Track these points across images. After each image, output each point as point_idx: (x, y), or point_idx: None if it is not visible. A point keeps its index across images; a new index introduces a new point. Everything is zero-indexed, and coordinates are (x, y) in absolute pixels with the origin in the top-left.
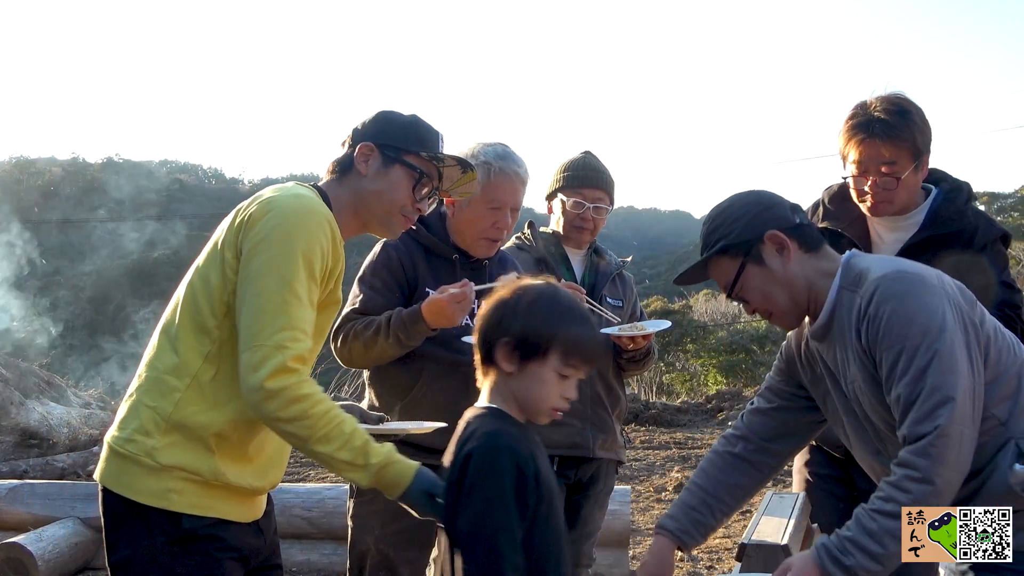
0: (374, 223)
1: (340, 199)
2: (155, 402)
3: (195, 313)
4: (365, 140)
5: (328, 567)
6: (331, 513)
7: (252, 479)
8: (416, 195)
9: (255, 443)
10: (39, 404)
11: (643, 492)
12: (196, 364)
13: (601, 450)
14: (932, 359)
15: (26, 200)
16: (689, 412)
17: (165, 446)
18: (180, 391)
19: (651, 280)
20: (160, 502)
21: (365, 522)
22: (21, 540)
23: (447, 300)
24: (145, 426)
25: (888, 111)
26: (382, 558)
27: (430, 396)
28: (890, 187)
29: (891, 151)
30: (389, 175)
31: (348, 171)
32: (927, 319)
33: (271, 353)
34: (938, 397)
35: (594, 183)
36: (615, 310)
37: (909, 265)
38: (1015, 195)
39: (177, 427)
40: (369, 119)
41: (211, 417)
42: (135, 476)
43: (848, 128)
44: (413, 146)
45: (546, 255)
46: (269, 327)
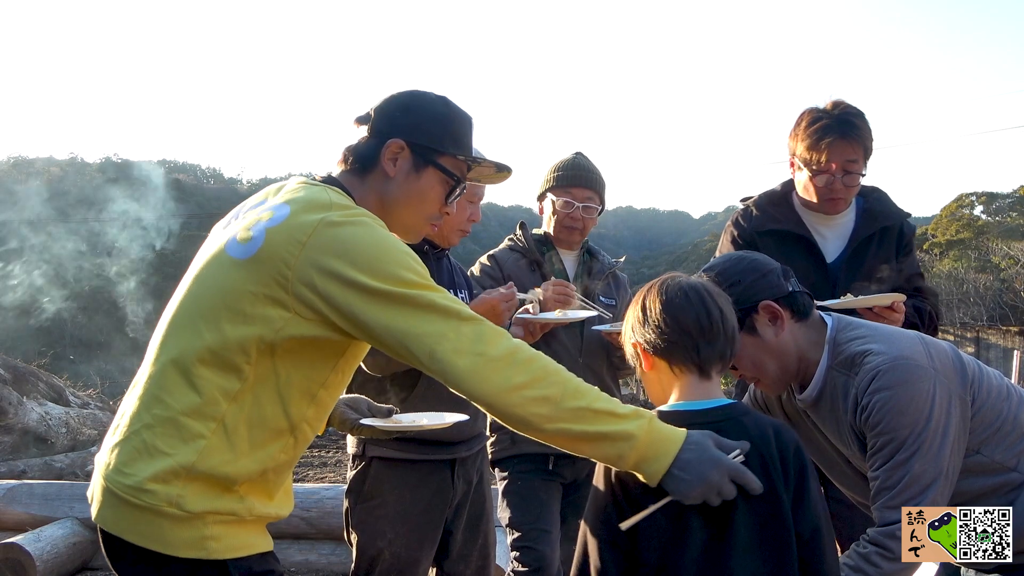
0: (397, 228)
1: (366, 200)
2: (174, 449)
3: (221, 347)
4: (394, 136)
5: (327, 567)
6: (329, 513)
7: (276, 509)
8: (446, 202)
9: (273, 480)
10: (38, 404)
11: None
12: (222, 406)
13: None
14: (916, 451)
15: (24, 199)
16: None
17: (192, 493)
18: (205, 438)
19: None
20: (199, 552)
21: (375, 527)
22: (19, 540)
23: (498, 299)
24: (161, 475)
25: (850, 114)
26: (395, 560)
27: (433, 392)
28: (854, 184)
29: (855, 151)
30: (421, 180)
31: (371, 168)
32: (917, 410)
33: (466, 324)
34: (915, 489)
35: (583, 183)
36: (608, 308)
37: (900, 346)
38: (1013, 195)
39: (201, 476)
40: (398, 105)
41: (239, 467)
42: (162, 528)
43: (816, 130)
44: (449, 147)
45: (538, 255)
46: (438, 314)
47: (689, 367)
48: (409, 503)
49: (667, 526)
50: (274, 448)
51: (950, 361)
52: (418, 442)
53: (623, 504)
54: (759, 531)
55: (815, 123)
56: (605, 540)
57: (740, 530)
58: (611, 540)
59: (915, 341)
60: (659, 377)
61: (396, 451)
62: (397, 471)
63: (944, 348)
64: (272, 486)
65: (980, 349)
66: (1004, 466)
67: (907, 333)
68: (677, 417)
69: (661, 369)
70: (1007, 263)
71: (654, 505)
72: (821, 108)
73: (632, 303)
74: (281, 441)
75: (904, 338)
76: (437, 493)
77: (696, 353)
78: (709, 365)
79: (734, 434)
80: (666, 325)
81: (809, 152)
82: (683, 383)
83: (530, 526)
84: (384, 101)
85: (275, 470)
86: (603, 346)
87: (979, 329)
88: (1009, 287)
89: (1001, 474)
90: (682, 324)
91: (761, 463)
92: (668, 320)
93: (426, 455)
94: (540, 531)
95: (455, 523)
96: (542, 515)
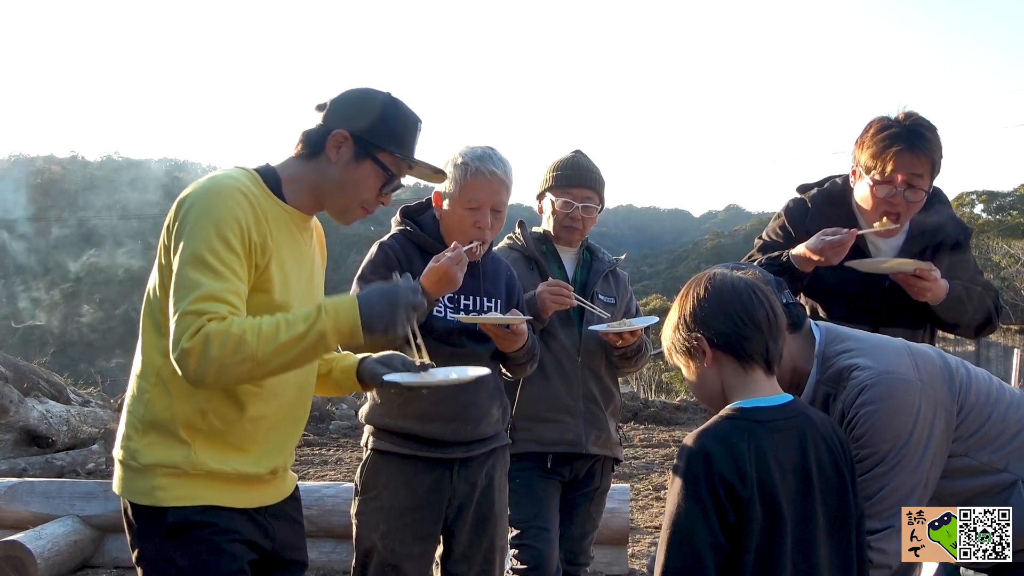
0: (331, 208)
1: (302, 180)
2: (132, 407)
3: (152, 312)
4: (340, 126)
5: (327, 565)
6: (330, 511)
7: (244, 466)
8: (381, 192)
9: (238, 433)
10: (38, 402)
11: (642, 490)
12: (158, 361)
13: (595, 447)
14: (895, 465)
15: (25, 197)
16: (688, 410)
17: (144, 446)
18: (148, 391)
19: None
20: (150, 500)
21: (369, 519)
22: (20, 538)
23: (446, 263)
24: (127, 431)
25: (921, 126)
26: (388, 554)
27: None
28: (917, 200)
29: (922, 165)
30: (358, 170)
31: (318, 153)
32: (900, 425)
33: (188, 320)
34: (892, 500)
35: (582, 182)
36: (607, 307)
37: (886, 360)
38: (1014, 193)
39: (152, 426)
40: (351, 100)
41: (176, 410)
42: (129, 480)
43: (885, 138)
44: (389, 145)
45: (537, 254)
46: (183, 300)
47: (760, 363)
48: (404, 498)
49: (762, 518)
50: (204, 391)
51: (938, 370)
52: (416, 439)
53: (724, 504)
54: (831, 521)
55: (883, 131)
56: (708, 544)
57: (820, 522)
58: (713, 543)
59: (902, 353)
60: (720, 372)
61: (393, 445)
62: (392, 465)
63: (931, 357)
64: (230, 436)
65: (980, 347)
66: (993, 467)
67: (894, 343)
68: (767, 413)
69: (724, 364)
70: (1007, 262)
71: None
72: (892, 117)
73: (682, 297)
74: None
75: (891, 350)
76: (433, 491)
77: (766, 349)
78: (775, 362)
79: (807, 429)
80: (740, 319)
81: (874, 160)
82: (752, 379)
83: (529, 524)
84: (341, 94)
85: (219, 414)
86: (602, 345)
87: None
88: (1010, 285)
89: (991, 475)
90: (756, 319)
91: (830, 453)
92: (743, 314)
93: (421, 452)
94: (539, 529)
95: (457, 524)
96: (541, 513)
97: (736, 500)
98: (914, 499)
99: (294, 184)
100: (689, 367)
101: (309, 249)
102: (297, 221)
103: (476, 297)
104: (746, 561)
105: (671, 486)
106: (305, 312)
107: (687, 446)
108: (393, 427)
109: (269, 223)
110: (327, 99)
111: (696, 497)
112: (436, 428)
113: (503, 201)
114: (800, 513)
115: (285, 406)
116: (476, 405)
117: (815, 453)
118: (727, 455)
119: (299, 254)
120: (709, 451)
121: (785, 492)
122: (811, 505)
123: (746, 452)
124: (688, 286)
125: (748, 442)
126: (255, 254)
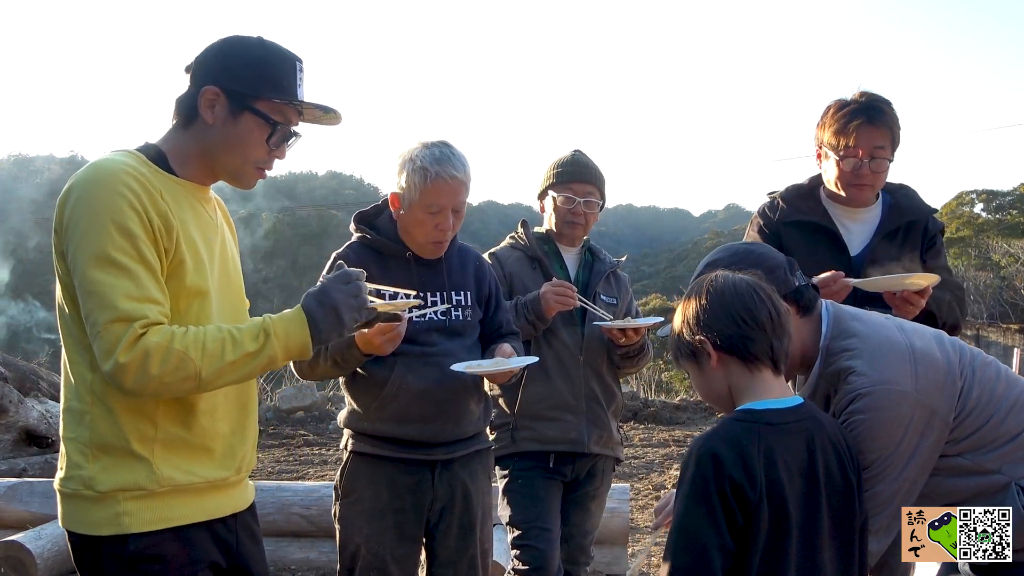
0: (224, 174)
1: (186, 150)
2: (73, 432)
3: (68, 327)
4: (209, 83)
5: (326, 565)
6: (329, 511)
7: (211, 471)
8: (271, 146)
9: (197, 432)
10: (38, 402)
11: (642, 490)
12: (88, 377)
13: (596, 446)
14: (878, 473)
15: (25, 197)
16: (688, 410)
17: (99, 472)
18: (87, 412)
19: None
20: (113, 529)
21: (352, 523)
22: (20, 538)
23: (374, 333)
24: (74, 459)
25: (878, 100)
26: (372, 557)
27: (405, 388)
28: (883, 170)
29: (883, 137)
30: (238, 126)
31: (194, 119)
32: (888, 436)
33: (117, 329)
34: (871, 504)
35: (583, 178)
36: (609, 307)
37: (884, 369)
38: (1013, 193)
39: (102, 449)
40: (213, 51)
41: (124, 425)
42: (85, 512)
43: (845, 115)
44: (265, 91)
45: (539, 253)
46: (102, 309)
47: (766, 363)
48: (385, 500)
49: (769, 520)
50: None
51: (940, 375)
52: (395, 441)
53: (733, 506)
54: (835, 525)
55: (843, 109)
56: (716, 546)
57: (824, 525)
58: (720, 545)
59: (904, 359)
60: (727, 374)
61: (373, 447)
62: (373, 467)
63: (935, 360)
64: (191, 438)
65: (980, 347)
66: (987, 469)
67: (898, 347)
68: (777, 416)
69: (730, 366)
70: (1007, 261)
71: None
72: (848, 98)
73: (685, 301)
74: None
75: (891, 355)
76: (414, 493)
77: (771, 349)
78: (781, 361)
79: (816, 432)
80: (743, 320)
81: (836, 137)
82: (760, 379)
83: (530, 524)
84: (204, 48)
85: (170, 417)
86: (604, 345)
87: (979, 327)
88: (1009, 285)
89: (984, 476)
90: (759, 319)
91: (838, 457)
92: (746, 315)
93: (401, 453)
94: (540, 529)
95: (440, 527)
96: (542, 513)
97: (745, 502)
98: (892, 506)
99: (179, 156)
100: (696, 371)
101: (215, 222)
102: (195, 193)
103: (443, 292)
104: (752, 563)
105: (679, 487)
106: (251, 329)
107: (696, 448)
108: (371, 431)
109: (167, 200)
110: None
111: (705, 499)
112: (414, 430)
113: (463, 201)
114: (806, 516)
115: (231, 392)
116: (454, 403)
117: (823, 456)
118: (737, 457)
119: (206, 228)
120: (719, 453)
121: (792, 495)
122: (817, 508)
123: (756, 454)
124: (690, 290)
125: (758, 444)
126: (161, 237)
